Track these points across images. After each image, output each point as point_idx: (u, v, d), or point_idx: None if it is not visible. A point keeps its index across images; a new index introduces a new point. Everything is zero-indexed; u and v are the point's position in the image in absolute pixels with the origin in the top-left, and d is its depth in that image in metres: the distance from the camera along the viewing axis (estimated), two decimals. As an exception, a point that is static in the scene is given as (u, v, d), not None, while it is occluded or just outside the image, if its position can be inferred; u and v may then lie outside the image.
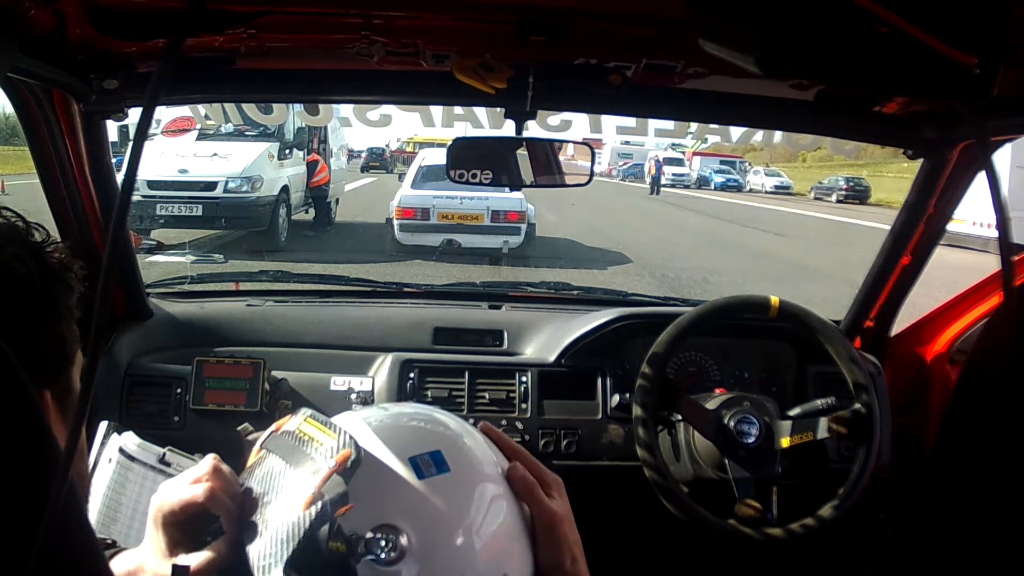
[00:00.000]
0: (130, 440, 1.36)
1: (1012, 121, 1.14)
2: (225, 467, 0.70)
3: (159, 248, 4.16)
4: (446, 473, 0.65)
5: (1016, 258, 1.42)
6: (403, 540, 0.61)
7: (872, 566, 1.79)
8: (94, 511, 1.30)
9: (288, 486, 0.65)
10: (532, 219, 9.43)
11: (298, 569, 0.61)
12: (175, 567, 0.64)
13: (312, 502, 0.62)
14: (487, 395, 1.68)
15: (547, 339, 1.79)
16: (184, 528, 0.68)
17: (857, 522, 1.79)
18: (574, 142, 1.70)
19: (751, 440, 1.49)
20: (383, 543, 0.61)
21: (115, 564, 0.71)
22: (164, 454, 1.36)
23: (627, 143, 37.08)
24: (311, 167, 11.07)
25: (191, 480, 0.69)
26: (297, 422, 0.70)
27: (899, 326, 1.88)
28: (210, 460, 0.70)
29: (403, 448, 0.66)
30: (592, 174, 1.58)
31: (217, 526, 0.67)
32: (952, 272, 3.30)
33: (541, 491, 0.71)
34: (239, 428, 1.30)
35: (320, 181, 11.19)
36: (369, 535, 0.61)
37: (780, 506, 1.48)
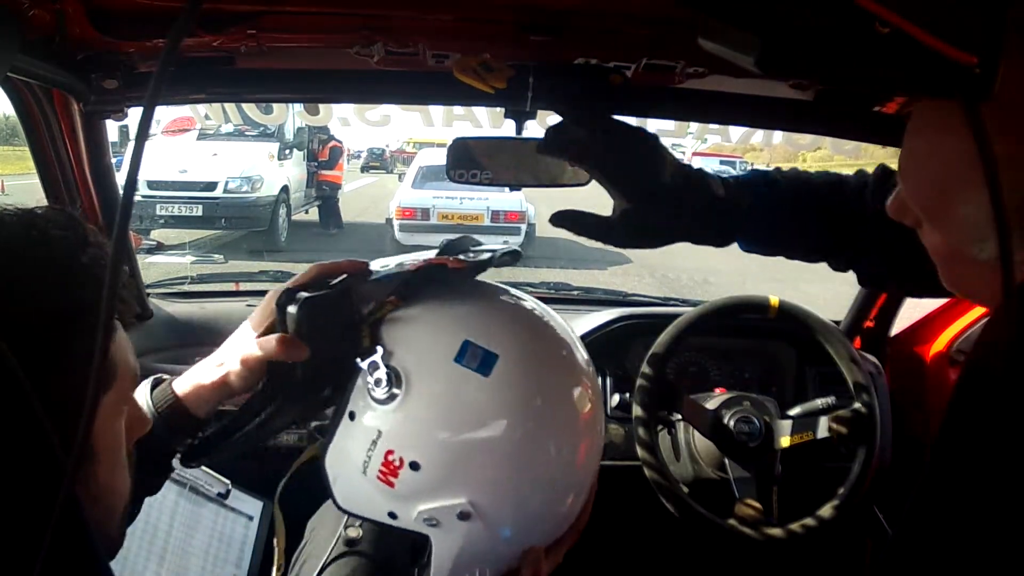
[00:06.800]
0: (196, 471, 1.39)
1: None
2: None
3: (159, 248, 4.15)
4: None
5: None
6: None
7: (872, 566, 1.79)
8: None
9: None
10: (532, 219, 9.42)
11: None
12: None
13: None
14: None
15: None
16: None
17: (857, 522, 1.79)
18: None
19: (751, 440, 1.49)
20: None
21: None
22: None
23: (627, 143, 36.91)
24: (334, 154, 10.70)
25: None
26: None
27: (899, 326, 1.88)
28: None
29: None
30: (592, 174, 1.57)
31: None
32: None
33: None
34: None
35: (334, 178, 10.90)
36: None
37: (780, 506, 1.48)
